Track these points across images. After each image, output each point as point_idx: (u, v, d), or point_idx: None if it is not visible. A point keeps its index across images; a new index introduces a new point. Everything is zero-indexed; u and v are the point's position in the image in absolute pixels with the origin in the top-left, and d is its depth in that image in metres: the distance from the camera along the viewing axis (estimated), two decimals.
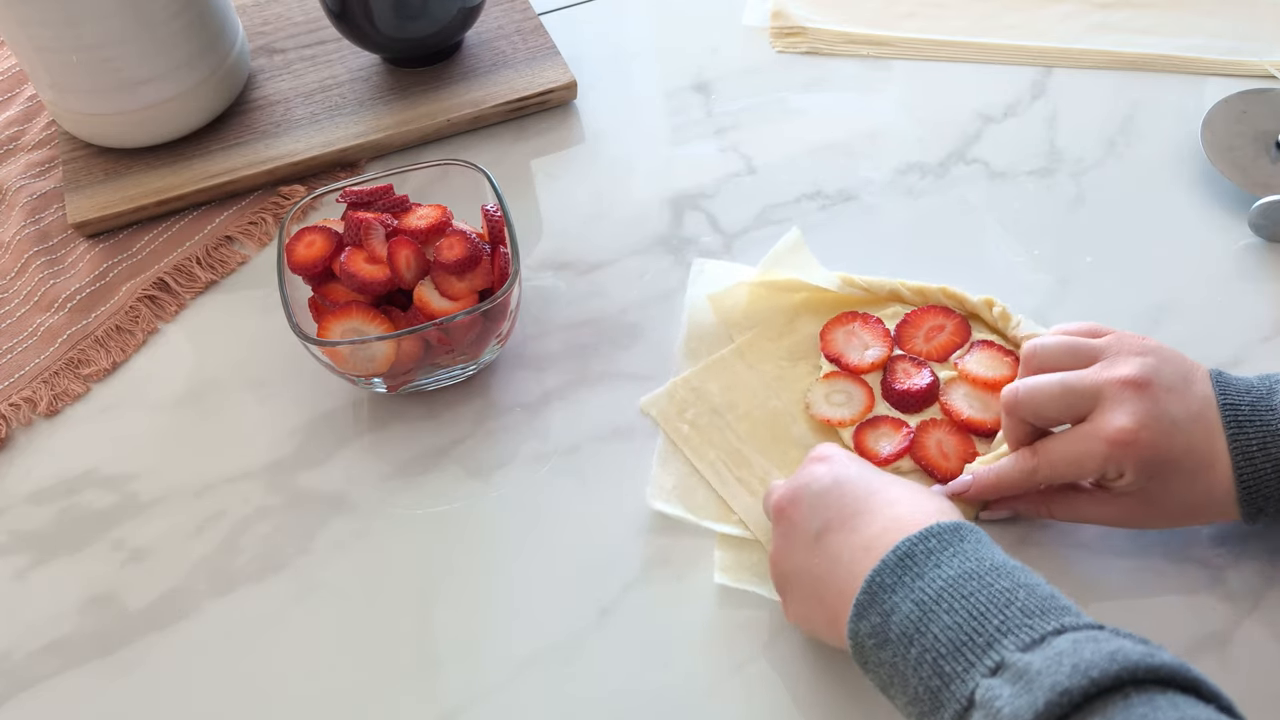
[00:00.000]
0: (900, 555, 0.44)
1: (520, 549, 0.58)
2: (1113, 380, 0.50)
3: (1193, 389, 0.51)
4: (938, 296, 0.65)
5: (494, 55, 0.82)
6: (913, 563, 0.44)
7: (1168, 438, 0.49)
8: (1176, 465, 0.50)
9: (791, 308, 0.65)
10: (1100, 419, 0.50)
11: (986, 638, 0.40)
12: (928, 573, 0.43)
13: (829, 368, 0.62)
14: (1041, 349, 0.54)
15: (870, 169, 0.75)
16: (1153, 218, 0.71)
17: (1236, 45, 0.80)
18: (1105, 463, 0.50)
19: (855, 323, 0.64)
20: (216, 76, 0.75)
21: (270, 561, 0.58)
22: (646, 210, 0.74)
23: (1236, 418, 0.50)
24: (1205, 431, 0.50)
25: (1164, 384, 0.50)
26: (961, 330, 0.63)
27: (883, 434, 0.59)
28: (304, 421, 0.64)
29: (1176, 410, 0.50)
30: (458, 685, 0.53)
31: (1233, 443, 0.49)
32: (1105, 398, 0.50)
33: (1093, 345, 0.53)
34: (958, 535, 0.44)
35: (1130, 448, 0.49)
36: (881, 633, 0.43)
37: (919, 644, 0.42)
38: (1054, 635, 0.40)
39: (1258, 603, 0.54)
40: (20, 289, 0.72)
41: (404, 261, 0.60)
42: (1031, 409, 0.53)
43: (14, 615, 0.57)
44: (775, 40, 0.85)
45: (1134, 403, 0.50)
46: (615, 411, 0.63)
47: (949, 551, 0.44)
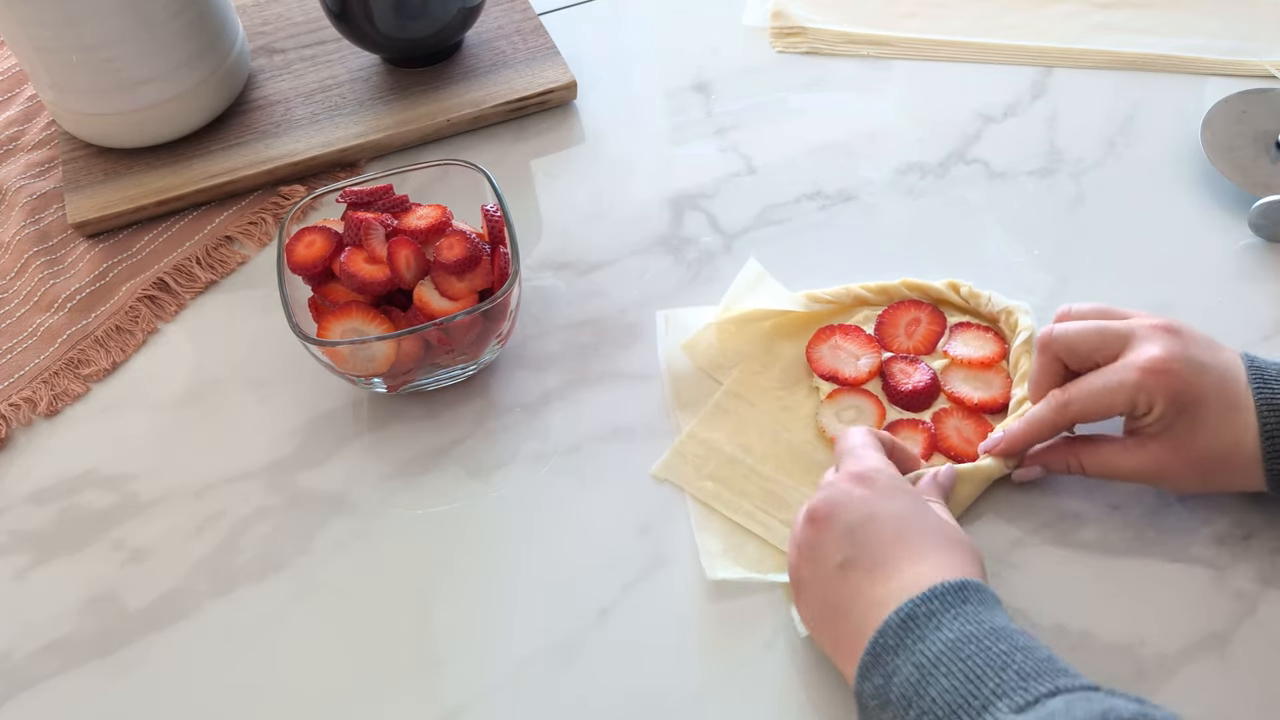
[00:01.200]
0: (903, 617, 0.44)
1: (520, 549, 0.58)
2: (1144, 324, 0.53)
3: (1220, 351, 0.53)
4: (901, 291, 0.65)
5: (494, 55, 0.82)
6: (914, 625, 0.44)
7: (1197, 374, 0.51)
8: (1204, 403, 0.51)
9: (765, 336, 0.64)
10: (1133, 352, 0.53)
11: (982, 700, 0.41)
12: (928, 635, 0.43)
13: (828, 386, 0.62)
14: (1076, 307, 0.57)
15: (870, 169, 0.75)
16: (1153, 218, 0.71)
17: (1236, 45, 0.80)
18: (1136, 392, 0.52)
19: (835, 336, 0.63)
20: (216, 76, 0.75)
21: (270, 561, 0.58)
22: (646, 210, 0.74)
23: (1262, 376, 0.52)
24: (1234, 380, 0.52)
25: (1193, 337, 0.53)
26: (937, 318, 0.64)
27: (904, 438, 0.59)
28: (304, 421, 0.64)
29: (1205, 357, 0.52)
30: (458, 685, 0.53)
31: (1258, 394, 0.51)
32: (1137, 337, 0.53)
33: (1121, 310, 0.56)
34: (960, 596, 0.45)
35: (1163, 376, 0.51)
36: (883, 694, 0.44)
37: (917, 707, 0.42)
38: (1048, 697, 0.40)
39: (1258, 603, 0.54)
40: (20, 289, 0.72)
41: (404, 261, 0.60)
42: (1064, 344, 0.55)
43: (14, 615, 0.57)
44: (775, 40, 0.85)
45: (1166, 339, 0.52)
46: (615, 411, 0.63)
47: (950, 614, 0.44)
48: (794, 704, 0.52)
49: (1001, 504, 0.58)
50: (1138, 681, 0.51)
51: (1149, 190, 0.72)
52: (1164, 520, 0.56)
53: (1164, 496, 0.57)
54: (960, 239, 0.70)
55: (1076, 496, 0.58)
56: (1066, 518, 0.57)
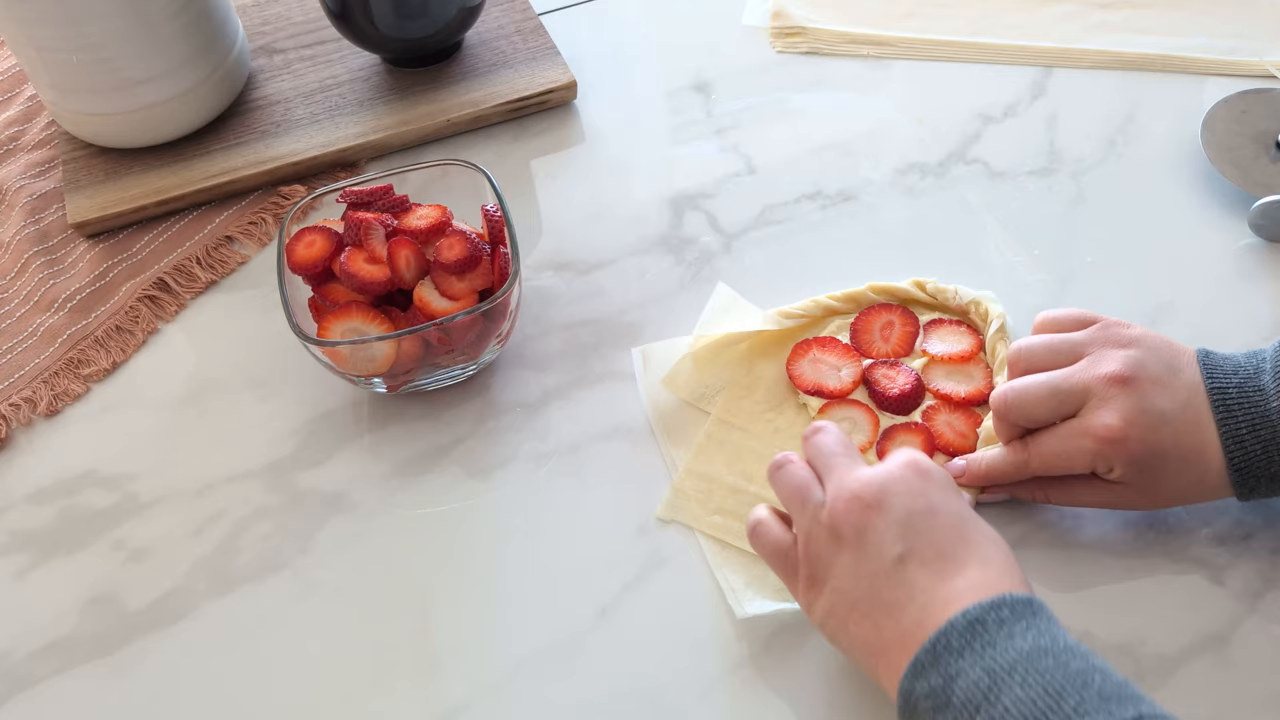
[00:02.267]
0: (970, 620, 0.43)
1: (520, 549, 0.58)
2: (1099, 378, 0.52)
3: (1179, 377, 0.52)
4: (868, 296, 0.65)
5: (494, 55, 0.82)
6: (984, 630, 0.42)
7: (1155, 432, 0.50)
8: (1165, 457, 0.51)
9: (742, 359, 0.64)
10: (1089, 417, 0.51)
11: (1063, 716, 0.39)
12: (1000, 642, 0.42)
13: (816, 401, 0.61)
14: (1026, 351, 0.56)
15: (870, 169, 0.75)
16: (1153, 218, 0.71)
17: (1236, 45, 0.80)
18: (1095, 459, 0.51)
19: (813, 349, 0.63)
20: (216, 76, 0.75)
21: (270, 561, 0.58)
22: (646, 210, 0.74)
23: (1225, 403, 0.50)
24: (1194, 420, 0.51)
25: (1149, 376, 0.51)
26: (909, 318, 0.64)
27: (902, 442, 0.59)
28: (304, 421, 0.64)
29: (1163, 403, 0.51)
30: (457, 685, 0.53)
31: (1222, 428, 0.50)
32: (1093, 395, 0.52)
33: (1075, 341, 0.54)
34: (1030, 609, 0.43)
35: (1119, 444, 0.50)
36: (942, 695, 0.42)
37: (986, 713, 0.40)
38: None
39: (1258, 603, 0.54)
40: (20, 289, 0.72)
41: (404, 261, 0.60)
42: (1022, 414, 0.54)
43: (14, 615, 0.57)
44: (775, 40, 0.85)
45: (1120, 399, 0.51)
46: (615, 411, 0.63)
47: (1022, 624, 0.43)
48: (793, 704, 0.52)
49: (1001, 504, 0.57)
50: (1138, 682, 0.51)
51: (1149, 190, 0.72)
52: (1164, 520, 0.56)
53: None
54: (960, 239, 0.70)
55: None
56: (1066, 518, 0.57)
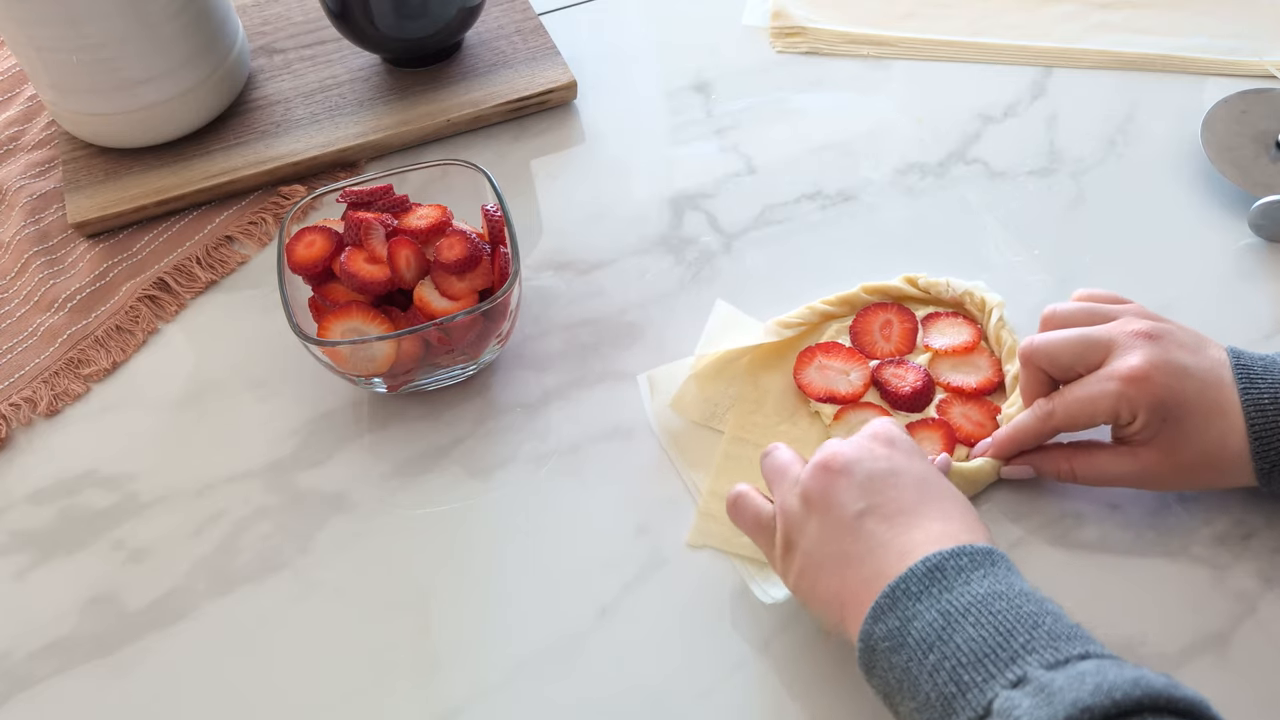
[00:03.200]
0: (930, 567, 0.44)
1: (520, 549, 0.58)
2: (1126, 332, 0.53)
3: (1205, 350, 0.53)
4: (862, 297, 0.65)
5: (494, 55, 0.82)
6: (942, 576, 0.44)
7: (1178, 379, 0.51)
8: (1188, 408, 0.51)
9: (746, 374, 0.63)
10: (1115, 361, 0.53)
11: (1011, 652, 0.41)
12: (956, 587, 0.43)
13: (829, 409, 0.61)
14: (1061, 310, 0.57)
15: (870, 169, 0.75)
16: (1153, 218, 0.71)
17: (1236, 45, 0.80)
18: (1118, 401, 0.52)
19: (818, 356, 0.63)
20: (216, 76, 0.75)
21: (270, 561, 0.58)
22: (646, 210, 0.74)
23: (1249, 374, 0.52)
24: (1218, 381, 0.52)
25: (1177, 339, 0.53)
26: (906, 315, 0.64)
27: (923, 438, 0.59)
28: (304, 421, 0.64)
29: (1188, 360, 0.52)
30: (457, 685, 0.53)
31: (1244, 395, 0.51)
32: (1119, 345, 0.53)
33: (1110, 309, 0.56)
34: (989, 559, 0.45)
35: (1143, 384, 0.51)
36: (899, 636, 0.43)
37: (939, 651, 0.42)
38: (1079, 659, 0.40)
39: (1258, 603, 0.54)
40: (20, 289, 0.72)
41: (404, 261, 0.60)
42: (1046, 355, 0.55)
43: (14, 615, 0.57)
44: (775, 40, 0.85)
45: (1146, 347, 0.52)
46: (615, 411, 0.63)
47: (979, 572, 0.44)
48: (792, 704, 0.52)
49: (1001, 504, 0.58)
50: None
51: (1149, 190, 0.72)
52: (1164, 520, 0.56)
53: (1164, 496, 0.57)
54: (960, 239, 0.70)
55: (1076, 497, 0.58)
56: (1066, 518, 0.57)
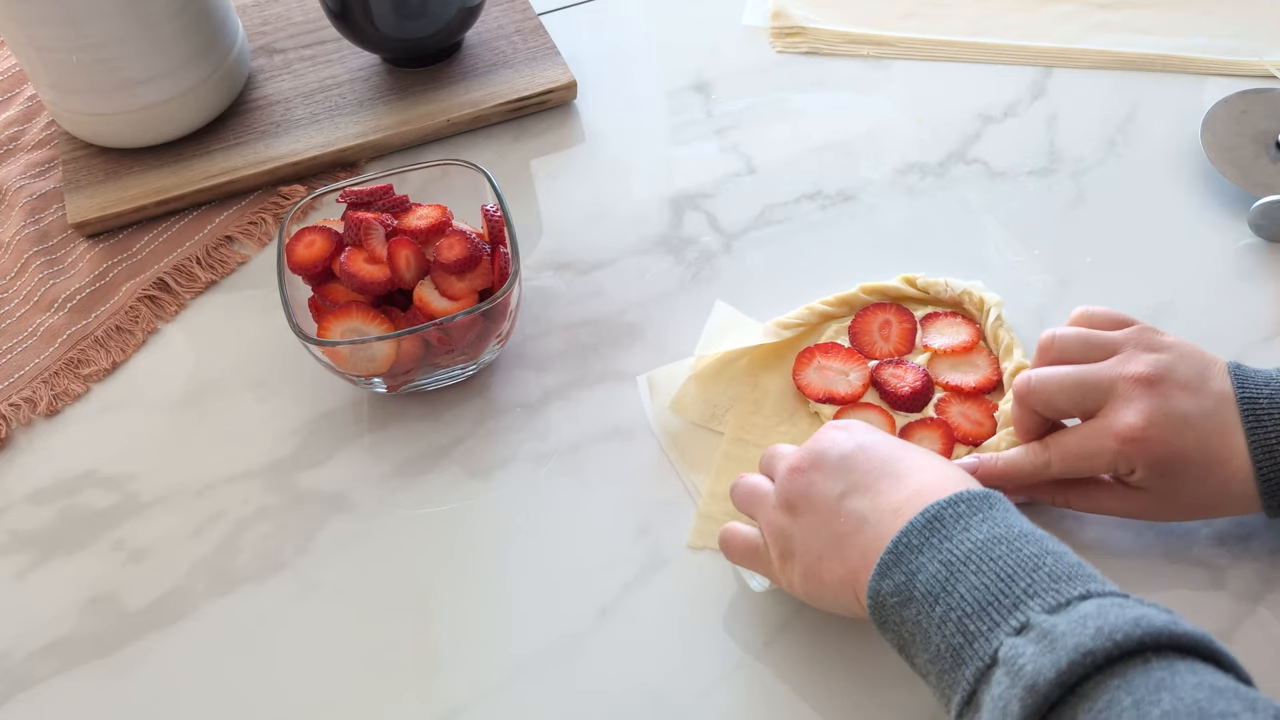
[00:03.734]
0: (929, 518, 0.44)
1: (520, 548, 0.58)
2: (1125, 376, 0.51)
3: (1208, 385, 0.51)
4: (860, 297, 0.65)
5: (494, 55, 0.82)
6: (941, 525, 0.44)
7: (1178, 435, 0.50)
8: (1188, 462, 0.50)
9: (746, 375, 0.63)
10: (1110, 415, 0.51)
11: (1013, 599, 0.41)
12: (956, 535, 0.43)
13: (829, 409, 0.61)
14: (1059, 339, 0.55)
15: (870, 169, 0.75)
16: (1153, 218, 0.71)
17: (1236, 45, 0.80)
18: (1115, 459, 0.51)
19: (817, 357, 0.63)
20: (216, 76, 0.75)
21: (270, 561, 0.58)
22: (646, 210, 0.74)
23: (1255, 412, 0.50)
24: (1220, 427, 0.50)
25: (1178, 381, 0.51)
26: (905, 315, 0.64)
27: (922, 438, 0.59)
28: (304, 421, 0.64)
29: (1188, 406, 0.50)
30: (458, 685, 0.53)
31: (1251, 436, 0.49)
32: (1117, 394, 0.51)
33: (1109, 339, 0.53)
34: (987, 502, 0.45)
35: (1140, 444, 0.50)
36: (905, 591, 0.43)
37: (944, 602, 0.42)
38: (1080, 600, 0.40)
39: (1258, 603, 0.54)
40: (20, 289, 0.72)
41: (404, 261, 0.60)
42: (1043, 400, 0.53)
43: (14, 615, 0.57)
44: (775, 40, 0.85)
45: (1144, 400, 0.50)
46: (615, 411, 0.63)
47: (978, 517, 0.44)
48: (794, 704, 0.52)
49: None
50: None
51: (1149, 190, 0.72)
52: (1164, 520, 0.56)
53: None
54: (960, 239, 0.70)
55: None
56: (1067, 518, 0.57)
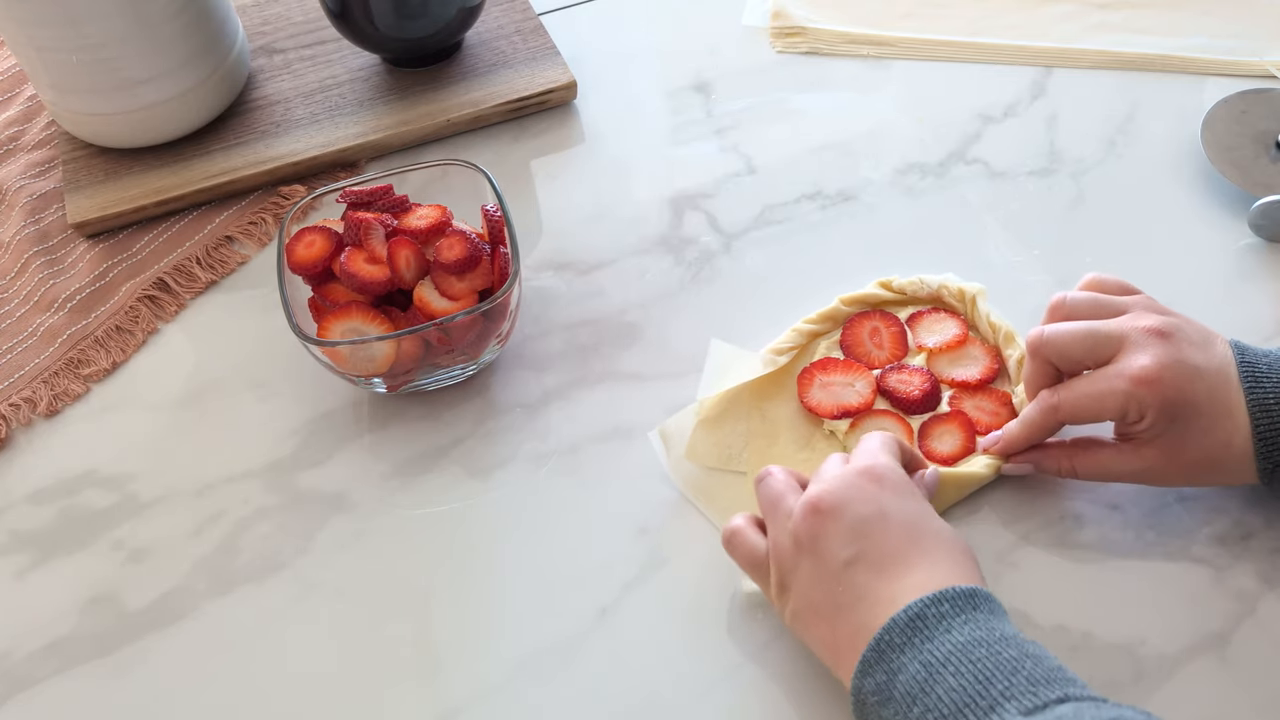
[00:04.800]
0: (911, 616, 0.44)
1: (520, 549, 0.58)
2: (1137, 327, 0.52)
3: (1213, 347, 0.53)
4: (842, 310, 0.65)
5: (494, 55, 0.82)
6: (924, 625, 0.44)
7: (1189, 381, 0.51)
8: (1197, 409, 0.51)
9: (750, 409, 0.62)
10: (1123, 360, 0.52)
11: (990, 701, 0.41)
12: (937, 636, 0.43)
13: (843, 424, 0.60)
14: (1070, 300, 0.56)
15: (870, 169, 0.75)
16: (1153, 218, 0.71)
17: (1236, 45, 0.80)
18: (1127, 401, 0.51)
19: (817, 375, 0.62)
20: (216, 76, 0.75)
21: (270, 561, 0.58)
22: (646, 210, 0.74)
23: (1254, 373, 0.51)
24: (1225, 383, 0.51)
25: (1186, 337, 0.52)
26: (890, 319, 0.64)
27: (944, 434, 0.59)
28: (304, 421, 0.64)
29: (1198, 359, 0.52)
30: (458, 685, 0.53)
31: (1249, 395, 0.51)
32: (1129, 342, 0.52)
33: (1119, 302, 0.55)
34: (971, 603, 0.45)
35: (1153, 386, 0.51)
36: (885, 691, 0.43)
37: (921, 704, 0.42)
38: (1057, 703, 0.40)
39: (1258, 603, 0.54)
40: (20, 289, 0.72)
41: (404, 261, 0.60)
42: (1056, 349, 0.54)
43: (14, 615, 0.57)
44: (775, 40, 0.85)
45: (1157, 347, 0.51)
46: (615, 411, 0.63)
47: (961, 618, 0.44)
48: (793, 704, 0.52)
49: (1001, 504, 0.58)
50: (1138, 682, 0.51)
51: (1149, 190, 0.72)
52: (1164, 520, 0.56)
53: (1164, 496, 0.57)
54: (960, 239, 0.70)
55: (1076, 497, 0.58)
56: (1066, 518, 0.57)
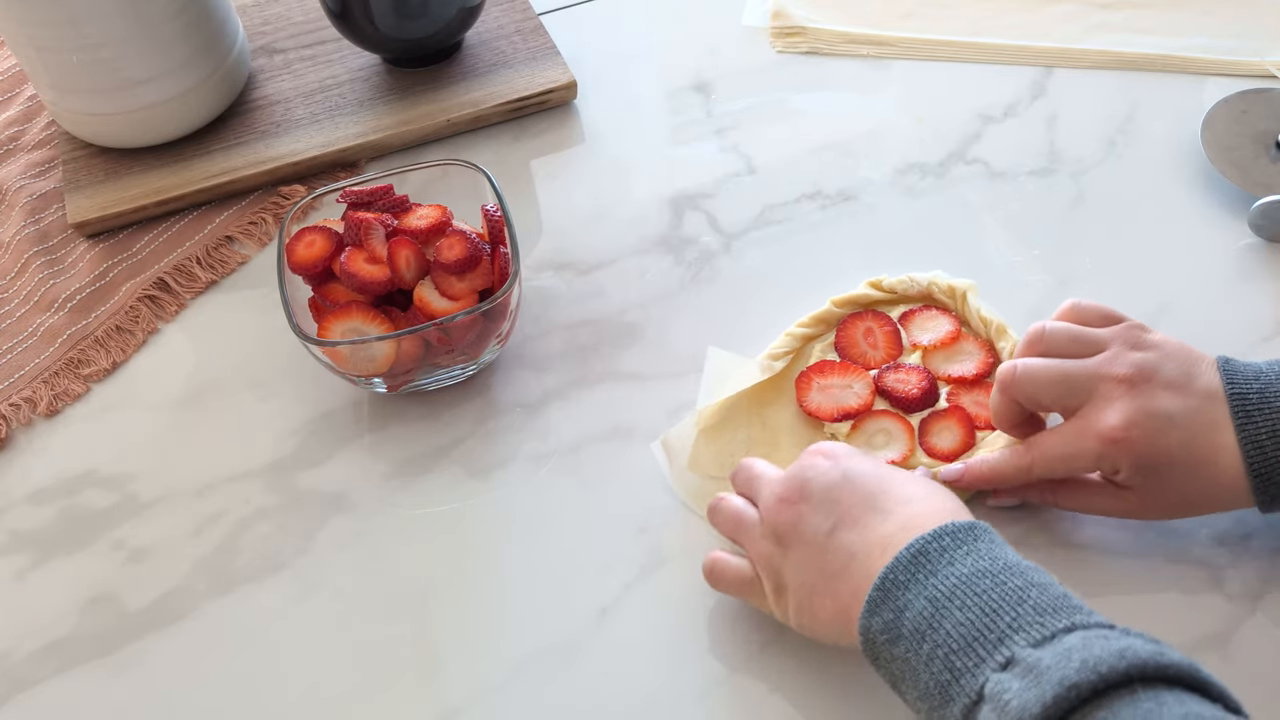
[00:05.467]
0: (914, 553, 0.44)
1: (520, 549, 0.58)
2: (1108, 376, 0.51)
3: (1195, 384, 0.51)
4: (835, 312, 0.65)
5: (494, 55, 0.82)
6: (926, 560, 0.44)
7: (1162, 435, 0.50)
8: (1173, 462, 0.50)
9: (750, 416, 0.61)
10: (1091, 415, 0.51)
11: (998, 634, 0.41)
12: (941, 570, 0.43)
13: (843, 427, 0.60)
14: (1049, 333, 0.54)
15: (870, 169, 0.75)
16: (1153, 218, 0.71)
17: (1236, 45, 0.80)
18: (1098, 461, 0.51)
19: (814, 379, 0.61)
20: (216, 76, 0.75)
21: (270, 561, 0.58)
22: (646, 210, 0.74)
23: (1245, 407, 0.49)
24: (1207, 425, 0.50)
25: (1162, 380, 0.50)
26: (883, 319, 0.64)
27: (943, 429, 0.60)
28: (304, 421, 0.64)
29: (1172, 406, 0.50)
30: (457, 685, 0.53)
31: (1241, 432, 0.49)
32: (1099, 394, 0.51)
33: (1097, 336, 0.53)
34: (972, 535, 0.45)
35: (1121, 445, 0.50)
36: (894, 629, 0.43)
37: (931, 640, 0.42)
38: (1064, 633, 0.40)
39: (1258, 603, 0.54)
40: (20, 289, 0.72)
41: (404, 261, 0.60)
42: (1026, 392, 0.53)
43: (14, 615, 0.57)
44: (775, 40, 0.85)
45: (1125, 400, 0.50)
46: (615, 411, 0.63)
47: (963, 550, 0.44)
48: (791, 705, 0.52)
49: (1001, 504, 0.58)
50: None
51: (1149, 190, 0.72)
52: (1164, 520, 0.56)
53: None
54: (960, 239, 0.70)
55: None
56: (1066, 518, 0.57)
